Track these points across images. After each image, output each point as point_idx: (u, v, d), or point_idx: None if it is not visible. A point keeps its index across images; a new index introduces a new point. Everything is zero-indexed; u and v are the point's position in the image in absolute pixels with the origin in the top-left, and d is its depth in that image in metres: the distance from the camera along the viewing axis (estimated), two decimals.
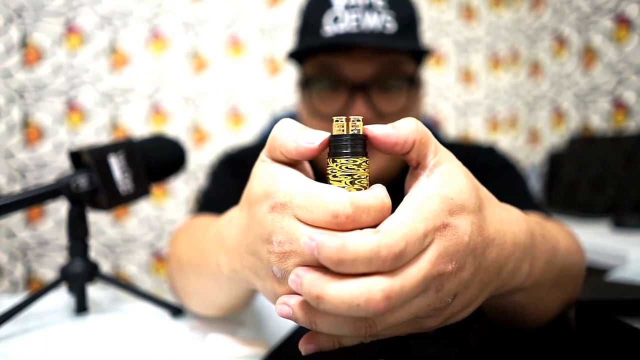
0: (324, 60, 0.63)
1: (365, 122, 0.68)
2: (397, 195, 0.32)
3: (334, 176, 0.29)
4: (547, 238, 0.39)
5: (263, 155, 0.32)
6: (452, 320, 0.31)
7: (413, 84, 0.65)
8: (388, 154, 0.30)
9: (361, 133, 0.29)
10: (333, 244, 0.24)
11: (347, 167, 0.29)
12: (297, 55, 0.67)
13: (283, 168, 0.30)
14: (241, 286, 0.40)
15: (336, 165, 0.29)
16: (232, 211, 0.39)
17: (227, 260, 0.36)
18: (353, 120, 0.29)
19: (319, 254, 0.24)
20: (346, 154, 0.29)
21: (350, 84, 0.62)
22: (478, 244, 0.29)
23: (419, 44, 0.66)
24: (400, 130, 0.29)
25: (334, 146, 0.29)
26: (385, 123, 0.67)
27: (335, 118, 0.30)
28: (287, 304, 0.28)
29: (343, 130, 0.29)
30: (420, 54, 0.67)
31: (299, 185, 0.28)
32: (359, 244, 0.24)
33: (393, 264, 0.25)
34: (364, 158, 0.29)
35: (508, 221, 0.33)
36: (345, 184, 0.29)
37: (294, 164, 0.31)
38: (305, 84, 0.67)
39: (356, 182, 0.29)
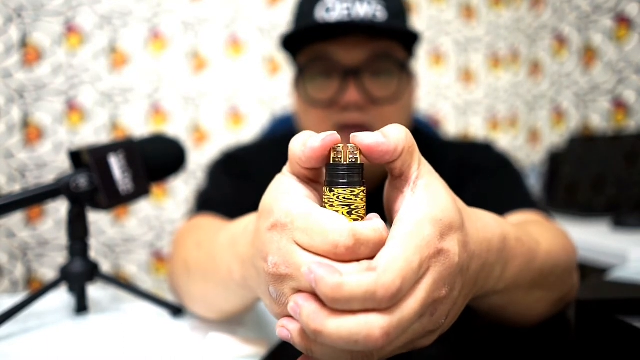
0: (317, 49, 0.65)
1: (358, 108, 0.68)
2: (377, 201, 0.32)
3: (331, 205, 0.28)
4: (523, 241, 0.39)
5: (285, 168, 0.32)
6: (441, 334, 0.31)
7: (404, 69, 0.67)
8: (375, 163, 0.29)
9: (358, 162, 0.29)
10: (329, 282, 0.24)
11: (344, 198, 0.28)
12: (291, 48, 0.68)
13: (293, 185, 0.30)
14: (251, 294, 0.40)
15: (333, 195, 0.28)
16: (248, 218, 0.38)
17: (240, 267, 0.36)
18: (350, 149, 0.29)
19: (316, 287, 0.24)
20: (343, 184, 0.28)
21: (343, 70, 0.63)
22: (465, 261, 0.29)
23: (408, 28, 0.67)
24: (391, 139, 0.28)
25: (331, 175, 0.29)
26: (378, 108, 0.67)
27: (332, 146, 0.29)
28: (286, 328, 0.28)
29: (340, 159, 0.29)
30: (410, 44, 0.68)
31: (301, 208, 0.28)
32: (354, 284, 0.24)
33: (389, 303, 0.24)
34: (362, 188, 0.29)
35: (483, 229, 0.33)
36: (343, 214, 0.28)
37: (312, 180, 0.31)
38: (299, 73, 0.68)
39: (354, 212, 0.28)
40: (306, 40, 0.65)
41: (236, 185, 0.72)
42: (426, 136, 0.81)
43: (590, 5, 1.66)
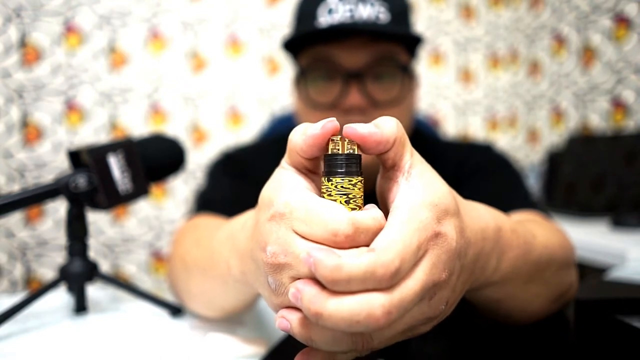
0: (319, 51, 0.64)
1: (360, 111, 0.68)
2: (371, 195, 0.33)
3: (329, 195, 0.29)
4: (518, 232, 0.39)
5: (283, 161, 0.32)
6: (439, 321, 0.31)
7: (407, 73, 0.66)
8: (369, 154, 0.30)
9: (356, 152, 0.29)
10: (328, 264, 0.24)
11: (342, 187, 0.29)
12: (292, 48, 0.68)
13: (292, 176, 0.30)
14: (249, 289, 0.40)
15: (331, 184, 0.29)
16: (247, 214, 0.39)
17: (238, 262, 0.37)
18: (348, 140, 0.29)
19: (315, 271, 0.24)
20: (341, 173, 0.29)
21: (345, 73, 0.63)
22: (462, 247, 0.30)
23: (411, 32, 0.66)
24: (384, 129, 0.29)
25: (329, 165, 0.29)
26: (381, 111, 0.67)
27: (331, 137, 0.29)
28: (286, 319, 0.28)
29: (338, 150, 0.29)
30: (413, 45, 0.68)
31: (300, 198, 0.28)
32: (354, 265, 0.24)
33: (389, 282, 0.25)
34: (359, 177, 0.29)
35: (477, 218, 0.34)
36: (341, 203, 0.28)
37: (311, 171, 0.31)
38: (301, 76, 0.67)
39: (351, 201, 0.29)
40: (308, 42, 0.65)
41: (236, 185, 0.72)
42: (426, 137, 0.81)
43: (589, 5, 1.66)
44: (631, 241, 1.01)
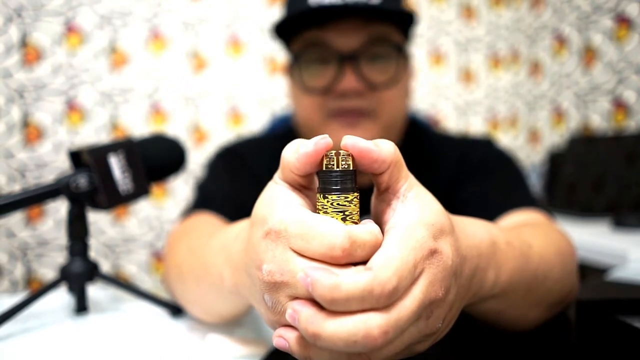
0: (311, 35, 0.63)
1: (356, 94, 0.66)
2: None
3: (325, 212, 0.28)
4: (513, 245, 0.39)
5: (276, 176, 0.32)
6: (437, 339, 0.31)
7: (401, 53, 0.66)
8: (363, 170, 0.30)
9: (351, 168, 0.29)
10: (326, 283, 0.24)
11: (338, 204, 0.28)
12: (285, 35, 0.67)
13: (286, 192, 0.30)
14: (243, 300, 0.40)
15: (327, 201, 0.28)
16: (240, 225, 0.38)
17: (232, 274, 0.36)
18: (343, 155, 0.29)
19: (313, 291, 0.24)
20: (337, 190, 0.28)
21: (339, 56, 0.62)
22: (458, 265, 0.30)
23: (404, 9, 0.65)
24: (382, 149, 0.29)
25: (324, 181, 0.29)
26: (377, 94, 0.65)
27: (325, 153, 0.29)
28: (283, 338, 0.28)
29: (333, 165, 0.29)
30: (406, 26, 0.67)
31: (294, 214, 0.28)
32: (352, 283, 0.24)
33: (387, 301, 0.25)
34: (355, 194, 0.29)
35: (472, 235, 0.34)
36: (337, 220, 0.28)
37: (304, 186, 0.31)
38: (294, 61, 0.66)
39: (348, 218, 0.28)
40: (299, 26, 0.64)
41: (235, 181, 0.71)
42: (423, 130, 0.81)
43: (591, 5, 1.66)
44: (632, 241, 1.00)
